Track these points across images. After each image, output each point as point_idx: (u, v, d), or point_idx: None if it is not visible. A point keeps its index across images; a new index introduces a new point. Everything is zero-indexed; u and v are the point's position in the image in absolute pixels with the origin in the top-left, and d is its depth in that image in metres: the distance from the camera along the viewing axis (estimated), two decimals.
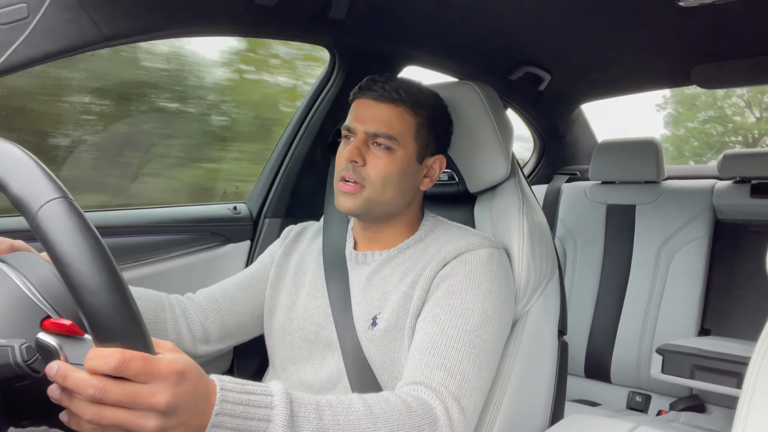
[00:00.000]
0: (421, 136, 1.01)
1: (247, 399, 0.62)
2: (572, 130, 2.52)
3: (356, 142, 0.98)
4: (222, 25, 1.21)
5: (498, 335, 0.93)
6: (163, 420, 0.54)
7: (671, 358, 1.75)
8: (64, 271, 0.51)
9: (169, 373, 0.54)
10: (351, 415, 0.70)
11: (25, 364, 0.48)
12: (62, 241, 0.51)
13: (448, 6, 1.35)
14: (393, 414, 0.73)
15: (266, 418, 0.62)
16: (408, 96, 0.99)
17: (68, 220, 0.52)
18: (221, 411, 0.59)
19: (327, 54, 1.53)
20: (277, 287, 1.12)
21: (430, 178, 1.05)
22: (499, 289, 0.95)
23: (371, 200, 0.98)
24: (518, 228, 1.06)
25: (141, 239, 1.36)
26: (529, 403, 1.06)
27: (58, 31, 0.91)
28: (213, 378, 0.61)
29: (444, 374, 0.83)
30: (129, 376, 0.52)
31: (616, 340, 2.08)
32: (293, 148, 1.60)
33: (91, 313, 0.51)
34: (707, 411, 1.95)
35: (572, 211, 2.29)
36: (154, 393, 0.53)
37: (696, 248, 2.03)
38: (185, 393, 0.56)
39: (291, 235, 1.19)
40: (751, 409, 0.63)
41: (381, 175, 0.97)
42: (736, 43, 1.60)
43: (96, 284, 0.51)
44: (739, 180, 2.10)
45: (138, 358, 0.52)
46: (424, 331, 0.89)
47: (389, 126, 0.97)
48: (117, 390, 0.52)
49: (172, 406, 0.54)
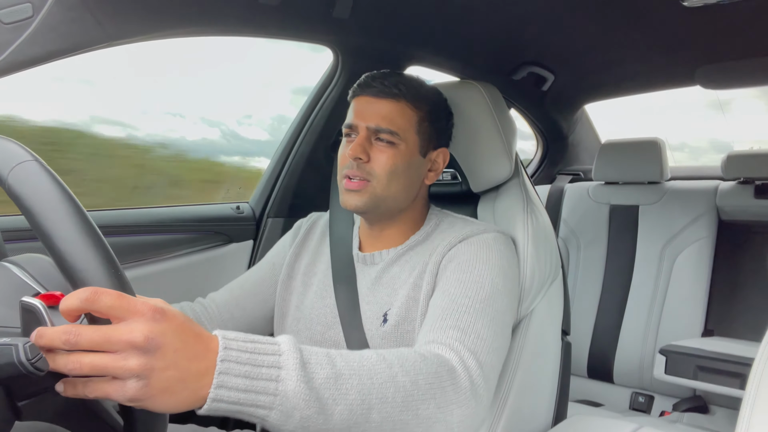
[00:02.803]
0: (423, 130, 1.01)
1: (253, 347, 0.58)
2: (575, 131, 2.52)
3: (359, 138, 0.97)
4: (225, 24, 1.21)
5: (509, 309, 0.90)
6: (146, 359, 0.50)
7: (674, 359, 1.75)
8: (34, 221, 0.52)
9: (145, 309, 0.52)
10: (364, 361, 0.66)
11: (29, 363, 0.48)
12: (33, 194, 0.52)
13: (451, 6, 1.35)
14: (408, 360, 0.70)
15: (276, 365, 0.58)
16: (408, 90, 0.99)
17: (37, 178, 0.53)
18: (226, 357, 0.55)
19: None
20: (288, 287, 1.12)
21: (435, 171, 1.05)
22: (507, 267, 0.93)
23: (377, 195, 0.98)
24: (522, 228, 1.06)
25: (145, 238, 1.36)
26: (532, 403, 1.06)
27: (61, 31, 0.91)
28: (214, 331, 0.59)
29: (458, 332, 0.80)
30: (102, 309, 0.50)
31: (619, 340, 2.08)
32: (296, 147, 1.60)
33: (63, 258, 0.51)
34: (710, 412, 1.94)
35: (575, 211, 2.29)
36: (130, 330, 0.50)
37: (699, 249, 2.02)
38: (167, 330, 0.52)
39: (301, 232, 1.18)
40: (754, 411, 0.63)
41: (386, 169, 0.97)
42: (740, 43, 1.60)
43: (66, 230, 0.51)
44: (743, 181, 2.10)
45: (110, 292, 0.50)
46: (434, 305, 0.87)
47: (391, 121, 0.97)
48: (90, 331, 0.50)
49: (153, 343, 0.51)
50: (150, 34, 1.07)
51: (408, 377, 0.68)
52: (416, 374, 0.69)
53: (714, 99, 3.72)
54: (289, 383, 0.58)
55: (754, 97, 3.54)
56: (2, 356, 0.47)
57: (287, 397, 0.57)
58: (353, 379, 0.63)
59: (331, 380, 0.61)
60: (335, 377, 0.62)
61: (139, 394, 0.50)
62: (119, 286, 0.53)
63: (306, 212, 1.26)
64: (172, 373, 0.52)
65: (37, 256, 0.70)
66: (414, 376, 0.68)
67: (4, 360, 0.47)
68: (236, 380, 0.55)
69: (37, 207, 0.53)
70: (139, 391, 0.50)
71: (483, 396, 0.76)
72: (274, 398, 0.57)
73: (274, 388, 0.57)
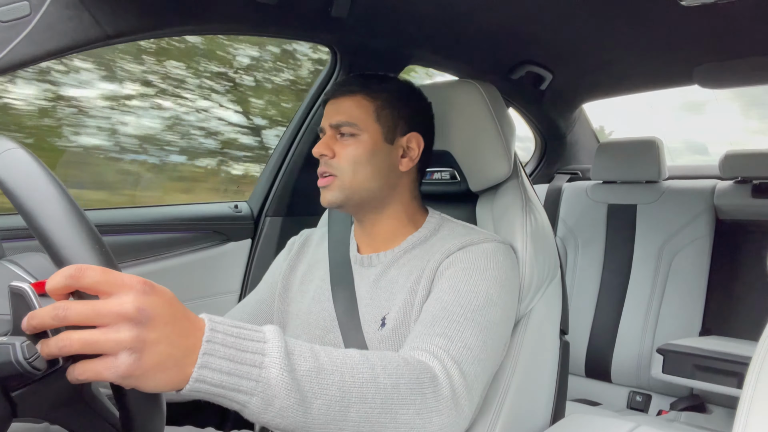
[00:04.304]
0: (384, 117, 1.02)
1: (239, 332, 0.58)
2: (573, 130, 2.52)
3: (324, 137, 1.02)
4: (224, 23, 1.21)
5: (503, 321, 0.91)
6: (138, 330, 0.50)
7: (672, 358, 1.75)
8: (17, 203, 0.52)
9: (134, 282, 0.51)
10: (348, 359, 0.67)
11: (26, 362, 0.48)
12: (16, 177, 0.54)
13: (449, 5, 1.35)
14: (390, 363, 0.70)
15: (261, 351, 0.58)
16: (364, 85, 1.02)
17: (21, 163, 0.55)
18: (212, 339, 0.55)
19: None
20: (286, 299, 1.12)
21: (410, 157, 1.04)
22: (504, 279, 0.93)
23: (346, 187, 0.99)
24: (521, 227, 1.06)
25: (143, 237, 1.36)
26: (530, 402, 1.06)
27: (59, 29, 0.91)
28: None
29: (444, 340, 0.80)
30: (88, 285, 0.49)
31: (616, 339, 2.08)
32: (294, 147, 1.60)
33: (47, 236, 0.51)
34: (708, 411, 1.95)
35: (573, 210, 2.29)
36: (120, 302, 0.50)
37: (697, 248, 2.03)
38: (157, 303, 0.52)
39: (295, 248, 1.18)
40: (751, 409, 0.63)
41: (349, 160, 0.99)
42: (738, 42, 1.60)
43: (49, 209, 0.51)
44: (741, 180, 2.10)
45: (95, 268, 0.50)
46: (426, 311, 0.88)
47: (348, 114, 1.00)
48: (79, 305, 0.49)
49: (145, 314, 0.50)
50: (148, 32, 1.07)
51: (390, 380, 0.68)
52: (398, 378, 0.69)
53: (688, 101, 3.74)
54: (272, 370, 0.58)
55: (728, 99, 3.56)
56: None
57: (269, 385, 0.58)
58: (335, 375, 0.64)
59: (314, 373, 0.62)
60: (317, 370, 0.62)
61: (131, 369, 0.50)
62: (104, 262, 0.52)
63: (304, 211, 1.27)
64: (163, 347, 0.52)
65: (33, 254, 0.70)
66: (396, 379, 0.69)
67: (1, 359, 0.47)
68: (220, 362, 0.55)
69: (20, 189, 0.53)
70: (131, 366, 0.50)
71: (464, 406, 0.76)
72: (256, 384, 0.57)
73: (257, 374, 0.57)
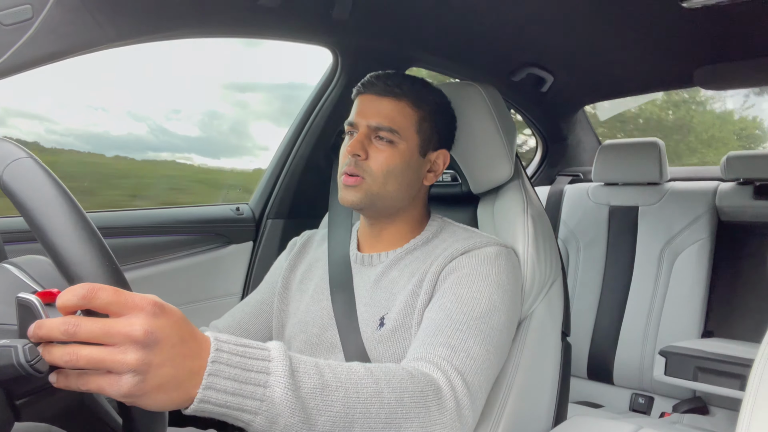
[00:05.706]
0: (424, 130, 1.01)
1: (244, 351, 0.58)
2: (575, 132, 2.52)
3: (359, 136, 0.98)
4: (225, 26, 1.22)
5: (506, 327, 0.91)
6: (144, 353, 0.50)
7: (674, 360, 1.75)
8: (29, 217, 0.52)
9: (144, 304, 0.51)
10: (352, 375, 0.67)
11: (28, 365, 0.48)
12: (27, 190, 0.53)
13: (451, 7, 1.35)
14: (395, 377, 0.70)
15: (265, 370, 0.58)
16: (410, 90, 1.00)
17: (32, 174, 0.54)
18: (217, 359, 0.55)
19: None
20: (285, 299, 1.12)
21: (434, 172, 1.05)
22: (507, 283, 0.93)
23: (372, 193, 0.98)
24: (523, 229, 1.06)
25: (144, 240, 1.36)
26: (532, 405, 1.06)
27: (61, 32, 0.92)
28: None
29: (447, 350, 0.80)
30: (100, 306, 0.49)
31: (618, 341, 2.08)
32: (296, 149, 1.60)
33: (58, 252, 0.50)
34: (710, 413, 1.94)
35: (575, 212, 2.29)
36: (130, 323, 0.50)
37: (699, 250, 2.02)
38: (165, 325, 0.52)
39: (296, 248, 1.18)
40: (754, 412, 0.63)
41: (383, 167, 0.97)
42: (739, 44, 1.60)
43: (61, 224, 0.51)
44: (743, 181, 2.10)
45: (107, 288, 0.50)
46: (429, 319, 0.88)
47: (391, 119, 0.98)
48: (89, 323, 0.49)
49: (152, 337, 0.50)
50: (149, 35, 1.07)
51: (394, 394, 0.68)
52: (402, 392, 0.69)
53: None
54: (276, 390, 0.58)
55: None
56: (1, 358, 0.47)
57: (273, 404, 0.58)
58: (339, 391, 0.64)
59: (318, 390, 0.62)
60: (322, 387, 0.63)
61: (134, 389, 0.50)
62: (115, 280, 0.52)
63: (305, 213, 1.27)
64: (168, 369, 0.52)
65: (36, 257, 0.70)
66: (400, 393, 0.69)
67: (3, 362, 0.47)
68: (225, 383, 0.55)
69: (32, 202, 0.53)
70: (134, 387, 0.50)
71: (468, 417, 0.76)
72: (260, 403, 0.57)
73: (262, 394, 0.58)
